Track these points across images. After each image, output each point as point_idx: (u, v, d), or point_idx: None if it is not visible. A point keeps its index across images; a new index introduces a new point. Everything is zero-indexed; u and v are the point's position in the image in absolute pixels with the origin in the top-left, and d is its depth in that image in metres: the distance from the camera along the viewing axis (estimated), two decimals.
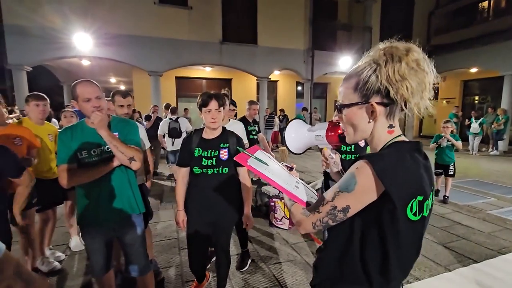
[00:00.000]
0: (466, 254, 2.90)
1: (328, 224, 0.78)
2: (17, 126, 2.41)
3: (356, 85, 0.78)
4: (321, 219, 0.78)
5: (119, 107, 2.26)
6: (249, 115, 3.72)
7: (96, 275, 1.76)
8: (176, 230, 3.46)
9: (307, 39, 11.17)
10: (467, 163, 7.91)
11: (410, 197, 0.71)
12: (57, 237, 3.08)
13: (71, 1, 7.74)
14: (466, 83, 12.74)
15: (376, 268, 0.77)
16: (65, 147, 1.58)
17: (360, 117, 0.79)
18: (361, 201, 0.72)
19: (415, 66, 0.72)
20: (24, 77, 7.98)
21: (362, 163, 0.72)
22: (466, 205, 4.40)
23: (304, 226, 0.82)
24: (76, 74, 11.26)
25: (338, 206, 0.75)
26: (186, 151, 1.90)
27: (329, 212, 0.76)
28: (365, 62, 0.79)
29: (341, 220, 0.76)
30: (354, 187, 0.72)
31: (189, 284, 2.40)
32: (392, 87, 0.73)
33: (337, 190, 0.75)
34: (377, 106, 0.76)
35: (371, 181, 0.70)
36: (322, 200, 0.79)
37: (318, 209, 0.79)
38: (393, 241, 0.73)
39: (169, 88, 10.82)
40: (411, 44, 0.75)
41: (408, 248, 0.77)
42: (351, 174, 0.74)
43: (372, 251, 0.76)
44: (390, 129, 0.80)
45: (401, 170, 0.71)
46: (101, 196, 1.64)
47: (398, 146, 0.78)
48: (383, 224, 0.73)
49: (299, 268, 2.63)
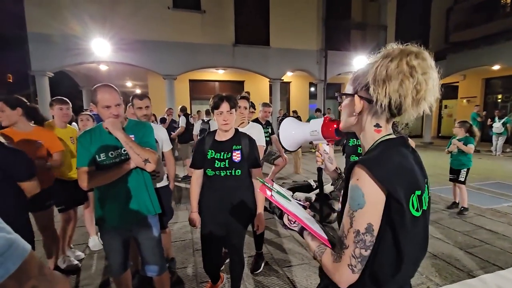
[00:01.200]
0: (491, 260, 2.77)
1: (363, 256, 0.70)
2: (41, 129, 2.51)
3: (353, 78, 0.83)
4: (353, 253, 0.70)
5: (138, 109, 2.33)
6: (261, 117, 3.73)
7: (114, 274, 1.81)
8: (191, 231, 3.50)
9: (320, 39, 11.07)
10: (490, 164, 7.56)
11: (409, 193, 0.71)
12: (77, 237, 3.18)
13: (90, 8, 8.04)
14: (488, 81, 12.19)
15: (388, 271, 0.74)
16: (85, 150, 1.64)
17: (348, 108, 0.84)
18: (378, 210, 0.70)
19: (406, 70, 0.69)
20: (46, 82, 8.35)
21: (359, 170, 0.71)
22: (489, 209, 4.20)
23: (341, 275, 0.72)
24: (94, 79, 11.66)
25: (360, 229, 0.70)
26: (199, 153, 1.92)
27: (355, 241, 0.70)
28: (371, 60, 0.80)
29: (372, 244, 0.70)
30: (364, 199, 0.69)
31: (204, 284, 2.42)
32: (373, 83, 0.73)
33: (350, 213, 0.71)
34: (359, 99, 0.78)
35: (375, 186, 0.69)
36: (342, 233, 0.73)
37: (344, 244, 0.72)
38: (405, 240, 0.71)
39: (183, 91, 11.01)
40: (421, 50, 0.72)
41: (416, 246, 0.76)
42: (355, 187, 0.71)
43: (385, 255, 0.73)
44: (376, 128, 0.80)
45: (396, 169, 0.70)
46: (118, 198, 1.68)
47: (386, 144, 0.78)
48: (394, 226, 0.70)
49: (313, 272, 2.60)
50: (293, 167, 6.73)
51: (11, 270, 0.35)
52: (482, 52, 10.43)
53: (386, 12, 11.68)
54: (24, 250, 0.38)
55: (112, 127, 1.57)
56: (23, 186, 1.61)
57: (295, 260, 2.82)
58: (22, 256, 0.37)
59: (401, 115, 0.76)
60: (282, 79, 10.90)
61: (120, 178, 1.64)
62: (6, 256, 0.35)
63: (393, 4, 11.93)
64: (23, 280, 0.37)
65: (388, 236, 0.72)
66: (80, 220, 3.12)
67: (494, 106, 11.56)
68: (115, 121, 1.59)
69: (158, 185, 2.35)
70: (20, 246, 0.37)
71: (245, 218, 1.98)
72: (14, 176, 1.57)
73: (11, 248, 0.36)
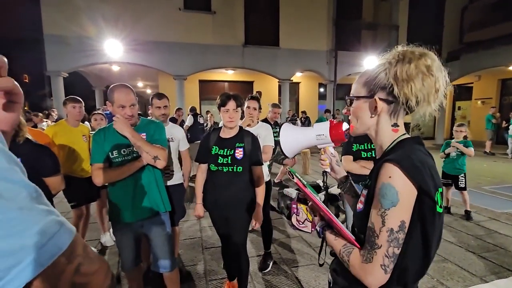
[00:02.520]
0: (505, 265, 2.70)
1: (395, 255, 0.70)
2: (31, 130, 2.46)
3: (365, 81, 0.83)
4: (387, 253, 0.69)
5: (156, 108, 2.39)
6: (270, 117, 3.74)
7: (126, 269, 1.85)
8: (200, 230, 3.54)
9: (330, 39, 11.00)
10: (505, 167, 7.35)
11: (435, 190, 0.72)
12: (89, 233, 3.26)
13: (103, 9, 8.23)
14: (505, 82, 11.83)
15: (417, 269, 0.74)
16: (99, 147, 1.69)
17: (365, 110, 0.83)
18: (410, 208, 0.70)
19: (425, 70, 0.74)
20: (61, 82, 8.60)
21: (391, 168, 0.71)
22: (504, 213, 4.09)
23: (373, 275, 0.70)
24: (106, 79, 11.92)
25: (394, 227, 0.69)
26: (204, 148, 1.99)
27: (389, 240, 0.69)
28: (380, 62, 0.82)
29: (403, 242, 0.70)
30: (398, 197, 0.69)
31: (213, 282, 2.45)
32: (397, 84, 0.75)
33: (382, 211, 0.70)
34: (380, 101, 0.79)
35: (408, 182, 0.69)
36: (372, 233, 0.72)
37: (376, 244, 0.71)
38: (433, 237, 0.73)
39: (193, 91, 11.12)
40: (427, 51, 0.78)
41: (438, 243, 0.78)
42: (387, 185, 0.70)
43: (414, 252, 0.73)
44: (394, 127, 0.81)
45: (423, 166, 0.72)
46: (130, 195, 1.72)
47: (406, 143, 0.79)
48: (425, 221, 0.71)
49: (322, 272, 2.59)
50: (302, 168, 6.72)
51: (63, 248, 0.39)
52: (497, 52, 10.14)
53: (398, 11, 11.49)
54: (72, 231, 0.42)
55: (119, 127, 1.62)
56: (48, 182, 1.66)
57: (304, 260, 2.82)
58: (70, 236, 0.41)
59: (414, 112, 0.80)
60: (291, 79, 10.88)
61: (132, 175, 1.68)
62: (58, 236, 0.39)
63: (405, 4, 11.74)
64: (72, 257, 0.41)
65: (417, 232, 0.72)
66: (92, 216, 3.19)
67: (510, 108, 11.22)
68: (122, 121, 1.63)
69: (173, 183, 2.40)
70: (68, 228, 0.42)
71: (245, 213, 2.01)
72: (40, 172, 1.63)
73: (62, 229, 0.40)
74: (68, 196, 2.77)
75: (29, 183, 0.40)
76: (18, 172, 0.40)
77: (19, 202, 0.36)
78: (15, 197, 0.36)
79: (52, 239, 0.38)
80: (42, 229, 0.37)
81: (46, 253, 0.37)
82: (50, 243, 0.37)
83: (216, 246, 3.09)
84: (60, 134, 2.71)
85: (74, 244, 0.41)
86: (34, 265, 0.35)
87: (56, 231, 0.39)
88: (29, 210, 0.37)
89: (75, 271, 0.41)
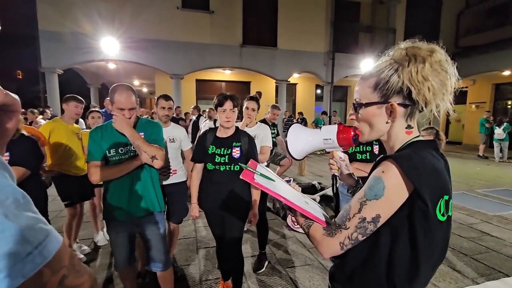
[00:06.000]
0: (496, 267, 2.74)
1: (358, 240, 0.73)
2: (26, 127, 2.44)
3: (376, 85, 0.77)
4: (350, 235, 0.72)
5: (161, 108, 2.42)
6: (269, 118, 3.74)
7: (119, 268, 1.84)
8: (195, 229, 3.52)
9: (327, 41, 11.04)
10: (498, 171, 7.45)
11: (438, 197, 0.70)
12: (83, 232, 3.23)
13: (99, 6, 8.15)
14: (498, 87, 12.01)
15: (404, 274, 0.72)
16: (96, 145, 1.68)
17: (379, 116, 0.78)
18: (392, 206, 0.69)
19: (438, 67, 0.71)
20: (56, 79, 8.49)
21: (387, 164, 0.70)
22: (496, 216, 4.14)
23: (330, 248, 0.75)
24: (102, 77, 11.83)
25: (367, 217, 0.70)
26: (200, 148, 1.99)
27: (358, 226, 0.71)
28: (386, 62, 0.77)
29: (371, 233, 0.72)
30: (383, 192, 0.68)
31: (207, 282, 2.44)
32: (414, 87, 0.71)
33: (363, 200, 0.71)
34: (397, 106, 0.75)
35: (401, 182, 0.68)
36: (346, 214, 0.74)
37: (345, 225, 0.73)
38: (424, 242, 0.70)
39: (190, 91, 11.07)
40: (434, 45, 0.74)
41: (436, 251, 0.74)
42: (377, 178, 0.70)
43: (401, 256, 0.72)
44: (408, 129, 0.78)
45: (428, 169, 0.69)
46: (126, 193, 1.71)
47: (418, 145, 0.76)
48: (415, 225, 0.69)
49: (316, 273, 2.60)
50: (298, 169, 6.73)
51: (48, 259, 0.37)
52: (492, 57, 10.29)
53: (395, 15, 11.59)
54: (58, 241, 0.40)
55: (120, 125, 1.62)
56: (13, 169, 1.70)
57: (298, 261, 2.83)
58: (56, 246, 0.39)
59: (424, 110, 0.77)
60: (288, 80, 10.90)
61: (128, 174, 1.68)
62: (44, 245, 0.37)
63: (403, 7, 11.85)
64: (57, 268, 0.39)
65: (405, 232, 0.71)
66: (85, 215, 3.16)
67: (504, 113, 11.38)
68: (122, 119, 1.63)
69: (176, 180, 2.41)
70: (55, 237, 0.40)
71: (241, 212, 2.02)
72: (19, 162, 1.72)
73: (48, 238, 0.38)
74: (62, 194, 2.75)
75: (17, 189, 0.38)
76: (6, 177, 0.38)
77: (5, 208, 0.35)
78: (1, 202, 0.35)
79: (37, 248, 0.36)
80: (26, 237, 0.35)
81: (29, 263, 0.35)
82: (35, 252, 0.36)
83: (211, 246, 3.08)
84: (57, 131, 2.70)
85: (60, 254, 0.39)
86: (15, 276, 0.33)
87: (42, 240, 0.37)
88: (15, 216, 0.35)
89: (59, 283, 0.39)
